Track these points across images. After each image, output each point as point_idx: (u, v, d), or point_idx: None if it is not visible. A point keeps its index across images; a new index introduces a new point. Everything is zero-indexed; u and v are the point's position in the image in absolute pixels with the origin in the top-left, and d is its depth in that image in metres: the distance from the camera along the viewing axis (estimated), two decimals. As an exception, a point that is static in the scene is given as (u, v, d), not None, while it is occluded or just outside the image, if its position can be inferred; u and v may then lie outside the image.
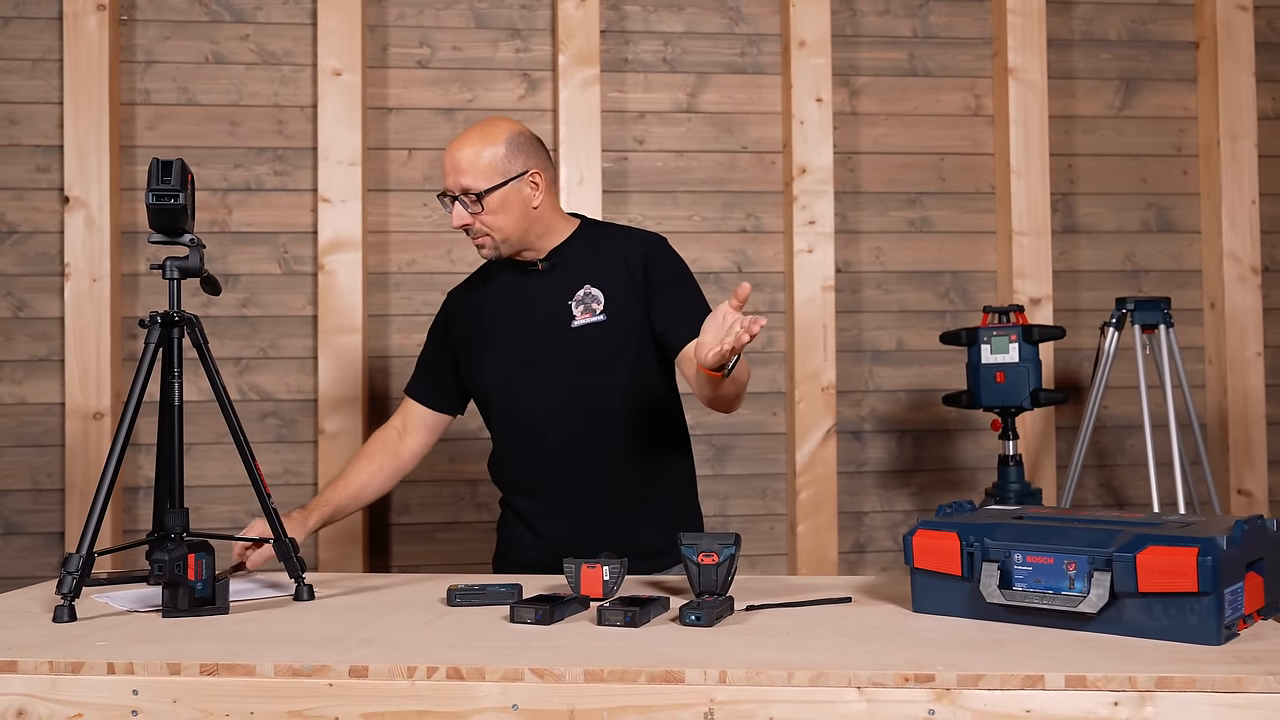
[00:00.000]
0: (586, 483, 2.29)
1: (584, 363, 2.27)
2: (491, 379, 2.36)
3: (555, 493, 2.31)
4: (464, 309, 2.44)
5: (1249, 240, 3.61)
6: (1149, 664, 1.38)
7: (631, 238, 2.40)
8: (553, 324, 2.30)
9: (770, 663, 1.41)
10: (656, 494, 2.35)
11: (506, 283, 2.39)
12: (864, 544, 3.60)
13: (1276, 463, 3.65)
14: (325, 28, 3.38)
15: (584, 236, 2.37)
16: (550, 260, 2.34)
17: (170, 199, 1.89)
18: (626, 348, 2.28)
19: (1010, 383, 3.09)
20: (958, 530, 1.67)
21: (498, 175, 2.22)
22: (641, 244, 2.36)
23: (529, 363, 2.31)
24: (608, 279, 2.30)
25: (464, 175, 2.21)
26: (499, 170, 2.23)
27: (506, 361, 2.34)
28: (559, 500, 2.31)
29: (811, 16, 3.50)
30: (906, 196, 3.64)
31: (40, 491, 3.34)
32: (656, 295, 2.29)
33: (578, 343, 2.28)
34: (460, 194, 2.22)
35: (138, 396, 1.90)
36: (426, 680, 1.41)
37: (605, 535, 2.22)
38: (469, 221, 2.23)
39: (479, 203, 2.21)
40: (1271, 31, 3.75)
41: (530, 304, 2.33)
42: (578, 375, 2.27)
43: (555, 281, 2.33)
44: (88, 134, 3.29)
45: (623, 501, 2.30)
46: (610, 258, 2.33)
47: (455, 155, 2.23)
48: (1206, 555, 1.46)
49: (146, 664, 1.45)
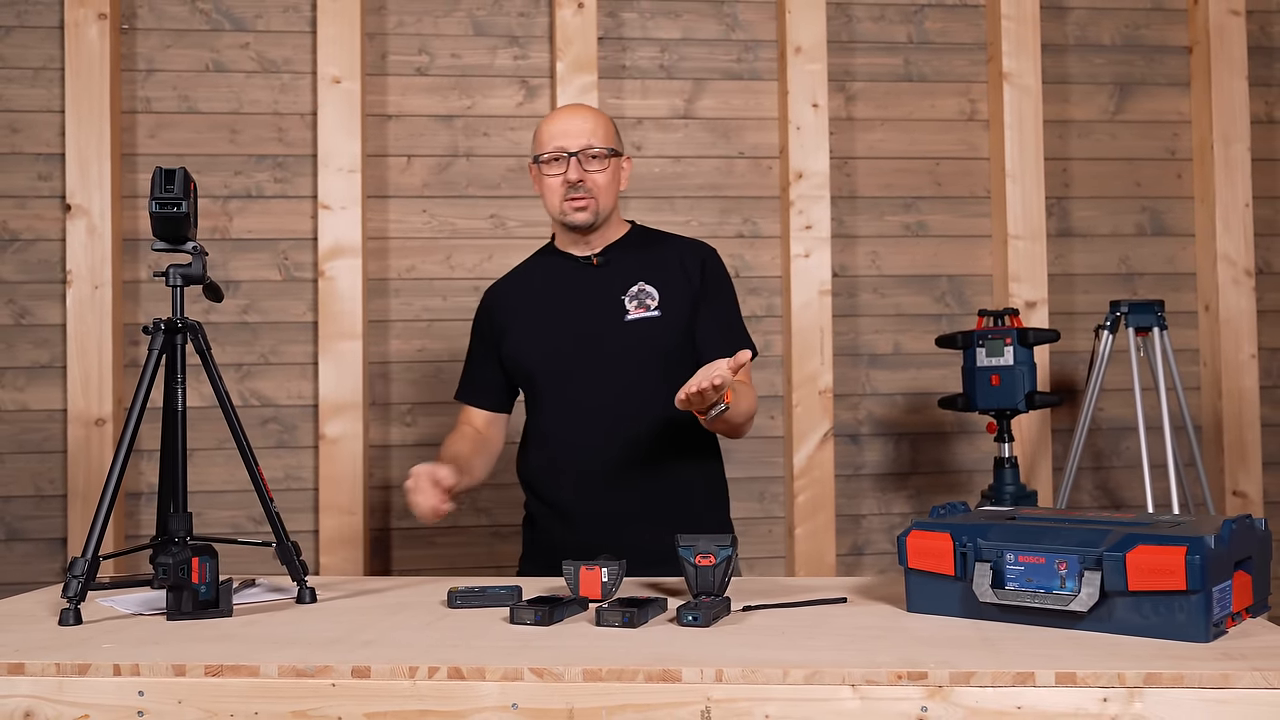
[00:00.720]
0: (625, 474, 2.31)
1: (636, 356, 2.32)
2: (539, 366, 2.39)
3: (593, 482, 2.33)
4: (508, 300, 2.48)
5: (1243, 243, 3.64)
6: (1138, 661, 1.41)
7: (687, 243, 2.49)
8: (605, 317, 2.34)
9: (766, 661, 1.44)
10: (691, 491, 2.37)
11: (557, 275, 2.43)
12: (862, 546, 3.62)
13: (1271, 464, 3.67)
14: (325, 36, 3.40)
15: (636, 238, 2.46)
16: (604, 255, 2.40)
17: (173, 207, 1.91)
18: (679, 345, 2.34)
19: (1005, 385, 3.12)
20: (951, 531, 1.69)
21: (615, 144, 2.39)
22: (699, 249, 2.46)
23: (579, 353, 2.34)
24: (663, 277, 2.37)
25: (595, 135, 2.33)
26: (615, 141, 2.39)
27: (556, 351, 2.37)
28: (596, 491, 2.32)
29: (807, 22, 3.53)
30: (902, 201, 3.67)
31: (42, 498, 3.36)
32: (703, 304, 2.37)
33: (630, 336, 2.33)
34: (581, 151, 2.30)
35: (141, 402, 1.92)
36: (428, 680, 1.44)
37: (638, 532, 2.20)
38: (583, 178, 2.30)
39: (600, 161, 2.31)
40: (1264, 36, 3.78)
41: (582, 297, 2.38)
42: (628, 368, 2.31)
43: (608, 276, 2.38)
44: (89, 142, 3.32)
45: (659, 494, 2.32)
46: (665, 258, 2.41)
47: (580, 118, 2.35)
48: (1195, 554, 1.48)
49: (152, 665, 1.47)
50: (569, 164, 2.31)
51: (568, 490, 2.37)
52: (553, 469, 2.40)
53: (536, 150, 2.37)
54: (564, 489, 2.38)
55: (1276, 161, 3.77)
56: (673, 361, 2.32)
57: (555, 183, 2.33)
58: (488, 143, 3.55)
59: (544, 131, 2.36)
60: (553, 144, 2.33)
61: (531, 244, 3.52)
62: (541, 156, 2.35)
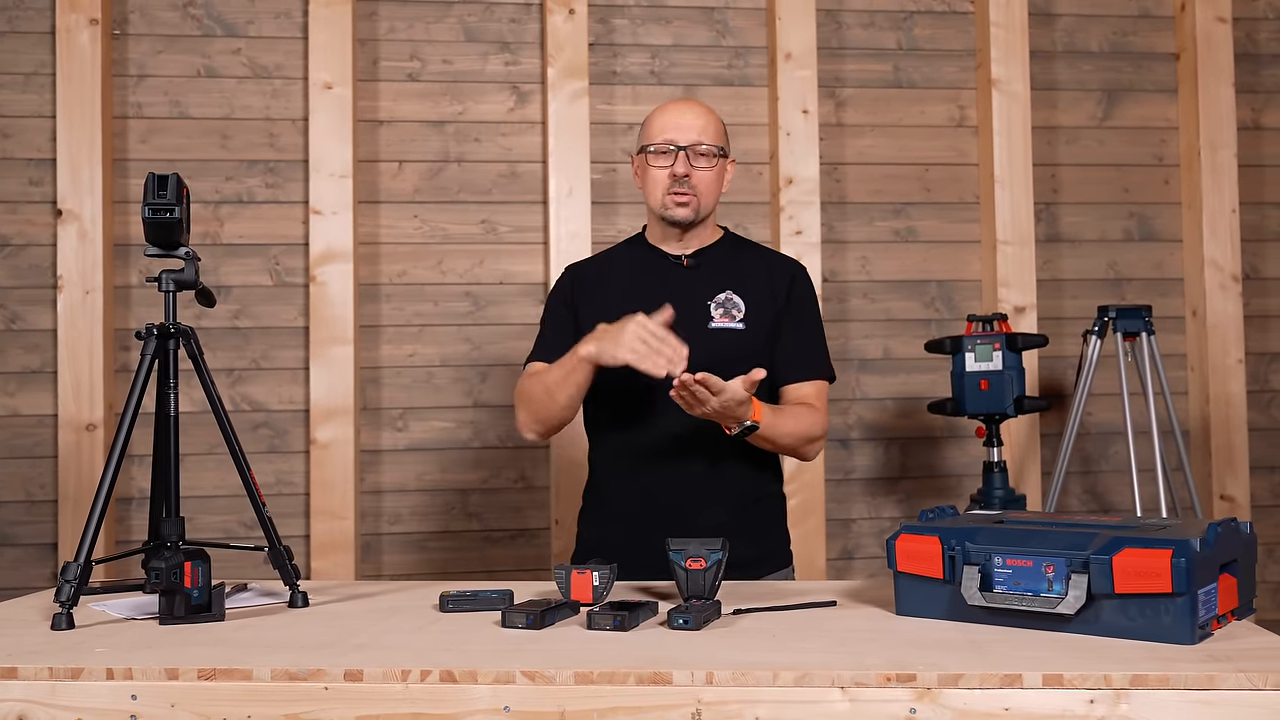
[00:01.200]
0: (685, 477, 2.27)
1: (714, 364, 2.20)
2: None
3: (652, 482, 2.28)
4: (593, 282, 2.42)
5: (1229, 249, 3.66)
6: (1124, 663, 1.42)
7: (779, 258, 2.48)
8: (689, 320, 2.28)
9: (756, 664, 1.45)
10: (753, 503, 2.34)
11: (645, 268, 2.39)
12: (852, 550, 3.64)
13: (1258, 468, 3.69)
14: (316, 42, 3.41)
15: (728, 245, 2.43)
16: (696, 258, 2.37)
17: (166, 213, 1.91)
18: (757, 360, 2.27)
19: (994, 390, 3.13)
20: (939, 534, 1.70)
21: (725, 144, 2.35)
22: (790, 266, 2.44)
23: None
24: (750, 289, 2.35)
25: (706, 133, 2.30)
26: (725, 141, 2.36)
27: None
28: (654, 492, 2.28)
29: (797, 29, 3.55)
30: (892, 207, 3.69)
31: (33, 503, 3.36)
32: (788, 319, 2.36)
33: (711, 343, 2.28)
34: (690, 146, 2.27)
35: (134, 407, 1.92)
36: (420, 683, 1.44)
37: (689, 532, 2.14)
38: (689, 173, 2.28)
39: (708, 159, 2.29)
40: (1250, 43, 3.81)
41: (668, 294, 2.30)
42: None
43: (697, 279, 2.35)
44: (80, 147, 3.32)
45: (716, 500, 2.28)
46: (755, 270, 2.38)
47: (694, 113, 2.32)
48: (1180, 557, 1.50)
49: (145, 669, 1.48)
50: (677, 157, 2.27)
51: (625, 491, 2.33)
52: (615, 465, 2.35)
53: (645, 140, 2.33)
54: (624, 480, 2.33)
55: (1263, 168, 3.80)
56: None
57: (661, 175, 2.30)
58: (479, 148, 3.56)
59: (655, 122, 2.33)
60: (663, 135, 2.29)
61: (523, 249, 3.57)
62: (649, 147, 2.30)
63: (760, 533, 2.34)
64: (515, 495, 3.52)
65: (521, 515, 3.51)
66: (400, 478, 3.50)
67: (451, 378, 3.52)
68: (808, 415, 2.31)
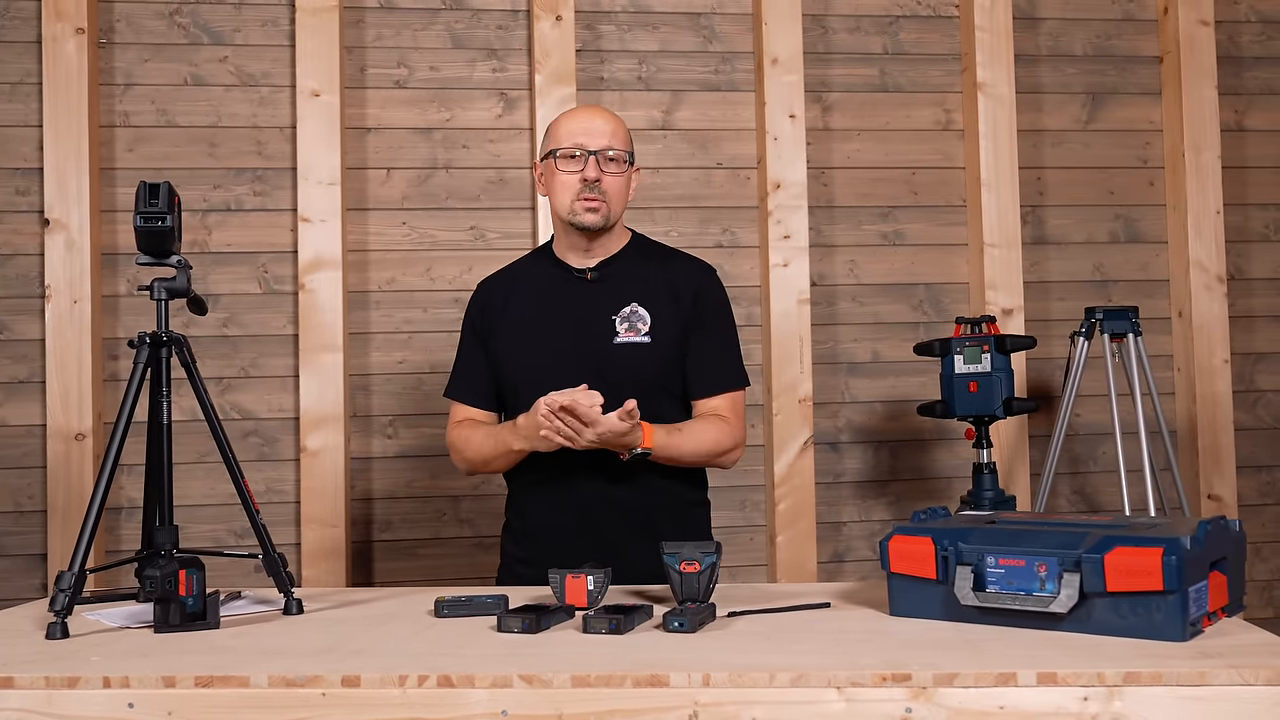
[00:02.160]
0: (602, 492, 2.28)
1: (620, 380, 2.24)
2: (524, 378, 2.32)
3: (568, 497, 2.29)
4: (498, 301, 2.42)
5: (1214, 250, 3.69)
6: (1117, 660, 1.43)
7: (686, 264, 2.44)
8: (594, 336, 2.30)
9: (752, 666, 1.45)
10: (664, 513, 2.33)
11: (549, 285, 2.38)
12: (842, 553, 3.65)
13: (1245, 467, 3.72)
14: (303, 49, 3.41)
15: (634, 253, 2.41)
16: (600, 270, 2.35)
17: (158, 221, 1.92)
18: (664, 373, 2.31)
19: (983, 392, 3.15)
20: (932, 535, 1.71)
21: (632, 151, 2.36)
22: (696, 274, 2.41)
23: (565, 369, 2.26)
24: (656, 301, 2.33)
25: (616, 138, 2.31)
26: (631, 148, 2.37)
27: (541, 364, 2.30)
28: (571, 505, 2.29)
29: (784, 34, 3.57)
30: (879, 210, 3.70)
31: (22, 513, 3.35)
32: (695, 331, 2.35)
33: (617, 360, 2.28)
34: (600, 151, 2.27)
35: (127, 415, 1.92)
36: (418, 688, 1.45)
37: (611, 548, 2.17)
38: (599, 178, 2.27)
39: (618, 164, 2.29)
40: (1232, 46, 3.84)
41: (573, 312, 2.33)
42: (612, 391, 2.21)
43: (601, 293, 2.34)
44: (67, 156, 3.32)
45: (634, 514, 2.29)
46: (661, 279, 2.36)
47: (603, 119, 2.33)
48: (1171, 555, 1.51)
49: (142, 677, 1.48)
50: (587, 162, 2.26)
51: (543, 505, 2.35)
52: (537, 485, 2.37)
53: (552, 145, 2.32)
54: (540, 500, 2.36)
55: (1246, 169, 3.82)
56: (658, 390, 2.30)
57: (571, 179, 2.28)
58: (467, 155, 3.56)
59: (562, 127, 2.32)
60: (572, 140, 2.28)
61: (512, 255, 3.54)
62: (558, 151, 2.29)
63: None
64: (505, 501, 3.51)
65: (512, 521, 3.50)
66: (391, 485, 3.49)
67: (441, 384, 3.47)
68: (714, 428, 2.32)
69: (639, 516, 2.30)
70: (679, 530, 2.23)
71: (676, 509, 2.37)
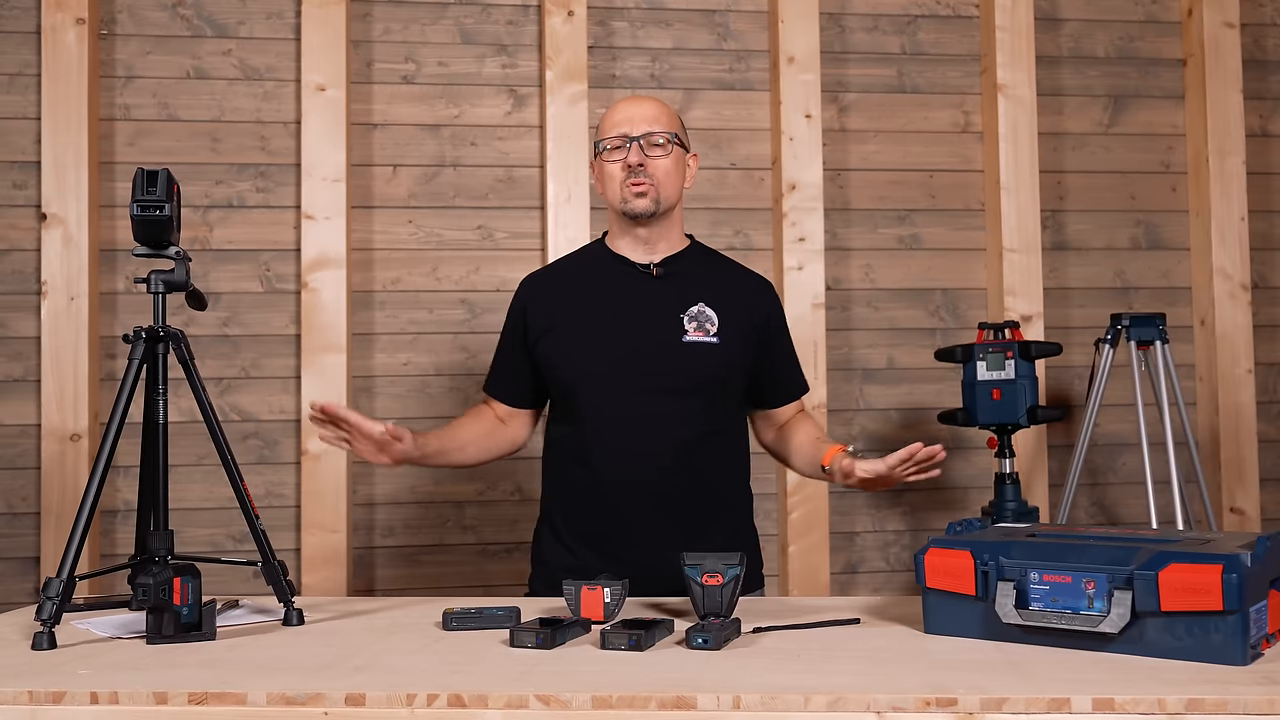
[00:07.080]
0: (655, 495, 2.21)
1: (688, 380, 2.21)
2: (583, 375, 2.24)
3: (620, 500, 2.21)
4: (550, 295, 2.35)
5: (1238, 257, 3.60)
6: (1177, 685, 1.34)
7: (752, 277, 2.41)
8: (660, 333, 2.23)
9: (785, 687, 1.36)
10: (719, 517, 2.30)
11: (611, 280, 2.31)
12: (856, 564, 3.56)
13: (1268, 480, 3.63)
14: (309, 43, 3.33)
15: (697, 254, 2.37)
16: (664, 267, 2.29)
17: (156, 210, 1.83)
18: (730, 375, 2.27)
19: (1007, 400, 3.06)
20: (971, 548, 1.62)
21: (680, 134, 2.30)
22: (765, 284, 2.41)
23: (630, 366, 2.21)
24: (725, 303, 2.28)
25: (658, 122, 2.26)
26: (680, 131, 2.31)
27: (604, 362, 2.23)
28: (622, 509, 2.21)
29: (800, 33, 3.48)
30: (896, 213, 3.62)
31: (15, 515, 3.25)
32: (771, 346, 2.35)
33: (686, 359, 2.23)
34: (643, 136, 2.22)
35: (121, 414, 1.84)
36: (427, 708, 1.36)
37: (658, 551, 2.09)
38: (643, 162, 2.22)
39: (663, 148, 2.23)
40: (1258, 49, 3.75)
41: (638, 308, 2.26)
42: (679, 389, 2.20)
43: (668, 290, 2.28)
44: (66, 150, 3.23)
45: (686, 517, 2.22)
46: (729, 283, 2.34)
47: (645, 105, 2.28)
48: (1231, 572, 1.42)
49: (131, 693, 1.39)
50: (630, 148, 2.22)
51: (588, 511, 2.25)
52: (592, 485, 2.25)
53: (599, 138, 2.29)
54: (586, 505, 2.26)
55: (1271, 175, 3.74)
56: (720, 390, 2.26)
57: (615, 168, 2.24)
58: (475, 152, 3.48)
59: (606, 120, 2.29)
60: (615, 130, 2.25)
61: (520, 255, 3.49)
62: (603, 144, 2.26)
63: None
64: (511, 508, 3.43)
65: (517, 528, 3.41)
66: (394, 490, 3.40)
67: (446, 387, 3.43)
68: (816, 424, 2.46)
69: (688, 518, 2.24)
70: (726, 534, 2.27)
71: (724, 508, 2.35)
